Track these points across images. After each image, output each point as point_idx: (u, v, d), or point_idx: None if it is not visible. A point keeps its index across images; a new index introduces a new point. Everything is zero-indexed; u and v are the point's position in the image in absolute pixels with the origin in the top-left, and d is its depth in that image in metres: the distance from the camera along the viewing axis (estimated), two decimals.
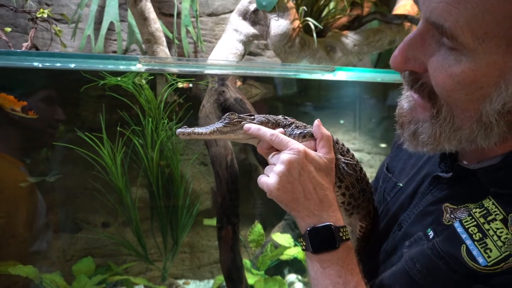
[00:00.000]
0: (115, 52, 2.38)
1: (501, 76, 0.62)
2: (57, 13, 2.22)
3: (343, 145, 1.00)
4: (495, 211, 0.69)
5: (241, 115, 0.96)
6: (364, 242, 1.09)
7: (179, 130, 0.92)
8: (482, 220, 0.70)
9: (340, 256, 0.80)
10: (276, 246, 2.51)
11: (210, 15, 2.65)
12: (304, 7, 2.15)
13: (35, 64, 1.44)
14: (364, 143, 3.18)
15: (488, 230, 0.68)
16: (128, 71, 1.76)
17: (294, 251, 2.38)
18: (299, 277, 2.62)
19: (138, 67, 1.63)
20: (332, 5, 2.41)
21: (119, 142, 2.01)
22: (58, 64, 1.47)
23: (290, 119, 1.00)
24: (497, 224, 0.67)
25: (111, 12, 2.22)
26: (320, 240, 0.81)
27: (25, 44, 1.93)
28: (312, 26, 2.08)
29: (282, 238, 2.49)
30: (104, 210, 2.26)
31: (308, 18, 2.12)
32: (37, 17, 1.94)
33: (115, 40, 2.37)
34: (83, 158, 2.04)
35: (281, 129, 0.96)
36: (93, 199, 2.18)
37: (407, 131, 0.79)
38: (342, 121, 3.19)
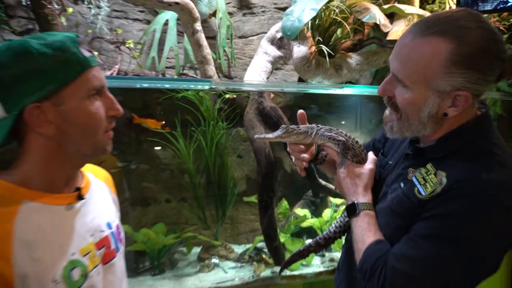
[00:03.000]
0: (170, 68, 2.96)
1: (425, 99, 1.08)
2: (129, 39, 2.79)
3: (353, 139, 1.37)
4: (431, 170, 1.12)
5: (293, 126, 1.34)
6: None
7: (257, 136, 1.36)
8: (425, 175, 1.12)
9: (363, 219, 1.24)
10: (297, 218, 2.98)
11: (240, 37, 3.17)
12: (319, 38, 2.62)
13: (145, 85, 2.07)
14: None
15: (427, 179, 1.11)
16: (202, 89, 2.40)
17: (311, 221, 2.89)
18: None
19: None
20: (339, 32, 2.83)
21: (190, 138, 2.70)
22: (159, 85, 2.10)
23: (321, 127, 1.37)
24: (431, 176, 1.10)
25: (171, 39, 2.77)
26: (351, 209, 1.29)
27: (116, 67, 2.54)
28: (325, 51, 2.46)
29: (302, 211, 3.00)
30: (167, 190, 2.90)
31: (322, 46, 2.56)
32: (123, 45, 2.54)
33: (170, 58, 2.88)
34: (150, 150, 2.71)
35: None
36: (158, 181, 2.87)
37: (387, 126, 1.24)
38: (343, 122, 3.53)
